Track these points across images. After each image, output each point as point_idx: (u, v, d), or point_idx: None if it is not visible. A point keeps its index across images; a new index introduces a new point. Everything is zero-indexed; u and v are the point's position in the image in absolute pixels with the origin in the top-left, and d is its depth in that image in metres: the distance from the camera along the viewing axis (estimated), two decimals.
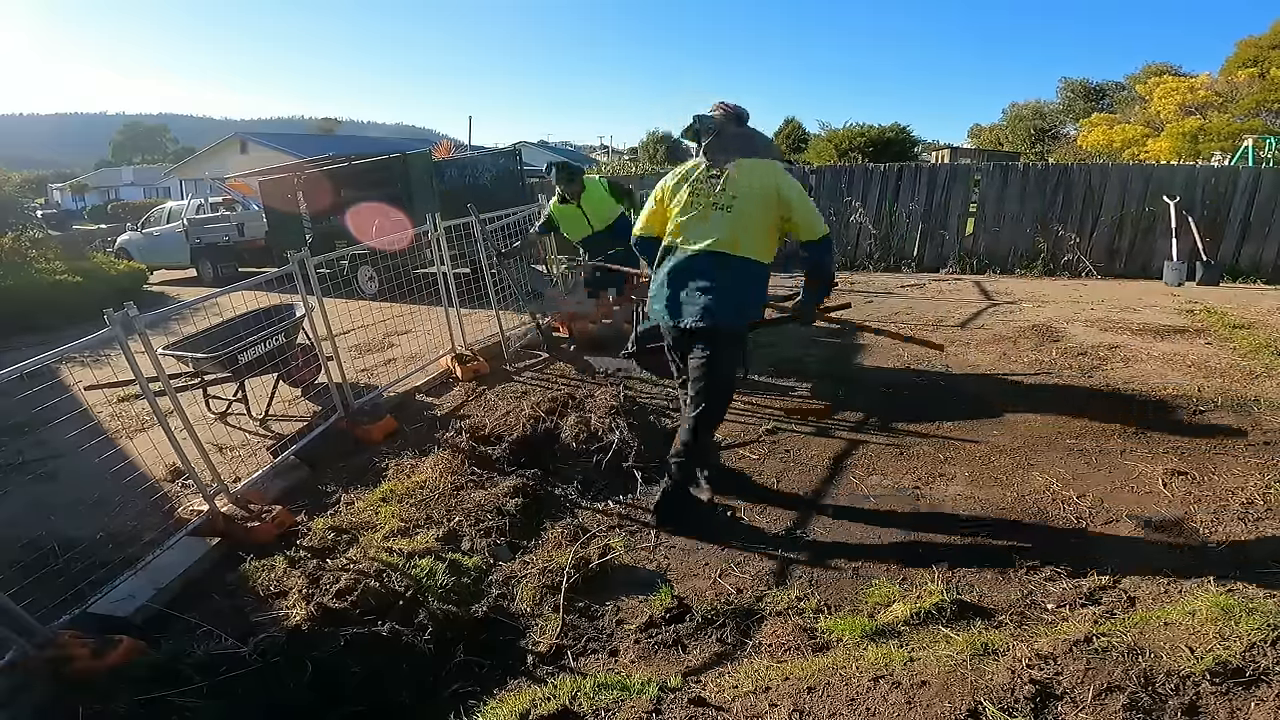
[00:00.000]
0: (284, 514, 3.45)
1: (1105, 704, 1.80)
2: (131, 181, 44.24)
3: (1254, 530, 2.96)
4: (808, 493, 3.61)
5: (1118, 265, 9.26)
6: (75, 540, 3.35)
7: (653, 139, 42.49)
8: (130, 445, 4.21)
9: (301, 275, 4.24)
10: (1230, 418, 4.16)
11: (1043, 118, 33.79)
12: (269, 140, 32.87)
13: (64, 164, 72.01)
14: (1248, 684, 1.81)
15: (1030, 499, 3.40)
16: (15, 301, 8.69)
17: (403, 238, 6.04)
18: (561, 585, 2.84)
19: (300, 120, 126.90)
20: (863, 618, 2.56)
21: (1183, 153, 18.83)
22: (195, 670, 2.36)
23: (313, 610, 2.59)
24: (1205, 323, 6.29)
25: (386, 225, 8.35)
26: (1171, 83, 22.26)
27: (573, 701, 2.14)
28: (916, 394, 4.85)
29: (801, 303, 3.33)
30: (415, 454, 4.05)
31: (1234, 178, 8.85)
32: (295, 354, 4.91)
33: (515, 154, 10.71)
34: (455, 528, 3.26)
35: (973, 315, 7.00)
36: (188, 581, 3.04)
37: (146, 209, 18.17)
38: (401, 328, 6.56)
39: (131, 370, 3.16)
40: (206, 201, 13.66)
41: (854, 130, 32.11)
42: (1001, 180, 9.70)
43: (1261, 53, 23.74)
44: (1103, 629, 2.15)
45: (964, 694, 1.89)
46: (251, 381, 4.72)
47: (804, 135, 38.10)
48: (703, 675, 2.34)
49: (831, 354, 5.86)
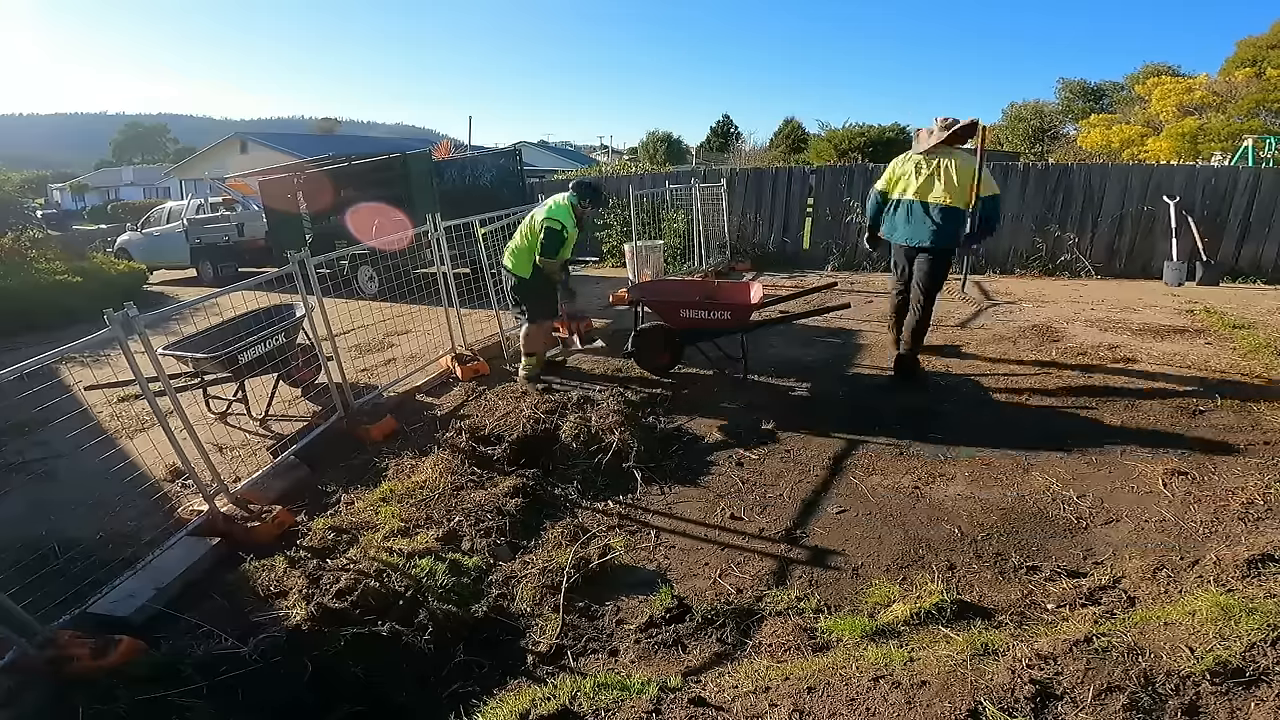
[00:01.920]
0: (284, 514, 3.46)
1: (1105, 704, 1.80)
2: (131, 181, 44.22)
3: (1254, 530, 2.96)
4: (808, 492, 3.61)
5: (1118, 265, 9.27)
6: (75, 540, 3.35)
7: (653, 139, 42.48)
8: (130, 445, 4.21)
9: (301, 275, 4.24)
10: (1230, 418, 4.16)
11: (1042, 118, 33.77)
12: (269, 140, 32.86)
13: (64, 164, 71.95)
14: (1248, 684, 1.81)
15: (1030, 499, 3.40)
16: (15, 301, 8.69)
17: (403, 238, 6.04)
18: (561, 585, 2.84)
19: (300, 120, 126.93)
20: (863, 618, 2.56)
21: (1182, 153, 18.82)
22: (195, 670, 2.36)
23: (313, 610, 2.59)
24: (1205, 323, 6.29)
25: (386, 225, 8.35)
26: (1170, 83, 22.24)
27: (573, 701, 2.14)
28: (917, 394, 4.85)
29: (968, 236, 4.83)
30: (415, 454, 4.05)
31: (1234, 178, 8.85)
32: (295, 354, 4.91)
33: (515, 154, 10.70)
34: (455, 528, 3.27)
35: (973, 315, 7.00)
36: (188, 581, 3.04)
37: (146, 209, 18.15)
38: (401, 328, 6.56)
39: (131, 370, 3.16)
40: (206, 201, 13.64)
41: (854, 130, 32.11)
42: (1001, 180, 9.69)
43: (1261, 53, 23.73)
44: (1103, 629, 2.15)
45: (964, 694, 1.89)
46: (251, 381, 4.72)
47: (804, 135, 38.09)
48: (703, 675, 2.34)
49: (831, 354, 5.86)
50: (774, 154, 34.86)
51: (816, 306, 5.81)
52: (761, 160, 31.56)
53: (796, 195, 10.95)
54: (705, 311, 4.98)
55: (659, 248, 9.02)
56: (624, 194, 9.33)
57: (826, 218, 10.66)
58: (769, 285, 7.69)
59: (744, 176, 11.41)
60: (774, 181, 11.10)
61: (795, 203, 10.97)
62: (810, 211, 11.07)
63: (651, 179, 12.56)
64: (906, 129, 33.09)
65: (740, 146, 38.66)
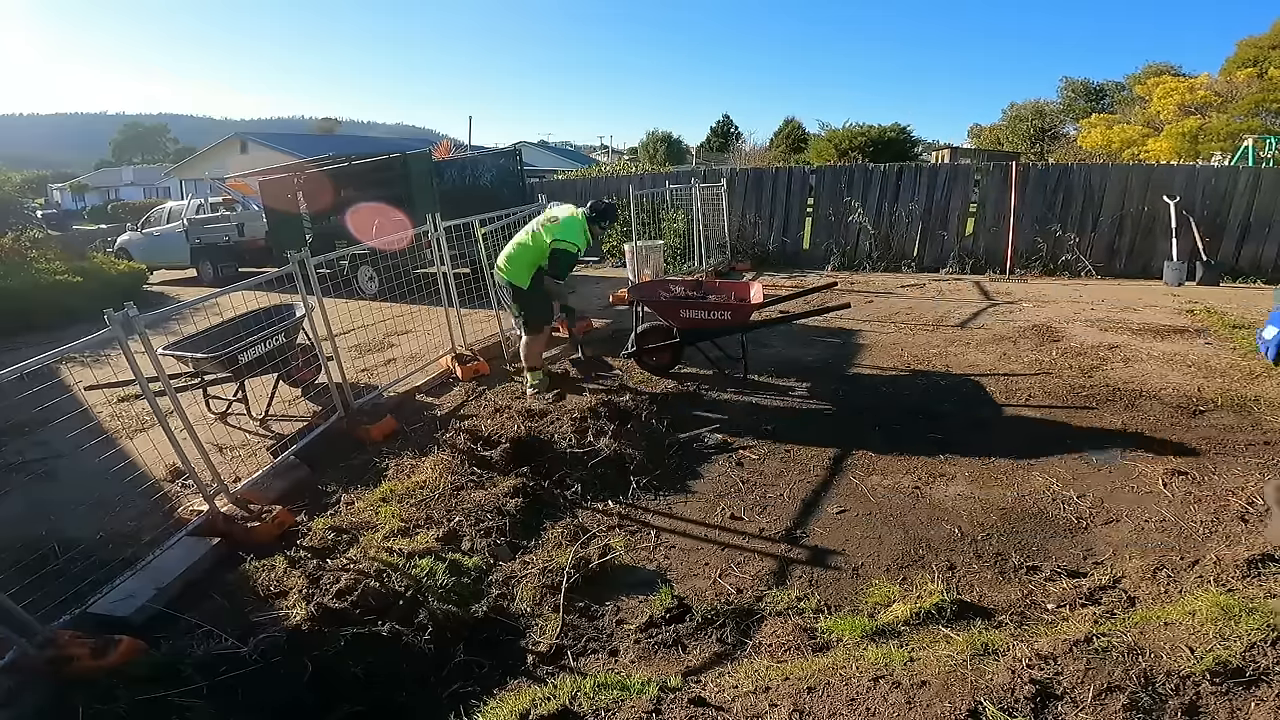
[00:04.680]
0: (284, 514, 3.45)
1: (1105, 704, 1.80)
2: (131, 181, 44.22)
3: (1254, 530, 2.95)
4: (808, 492, 3.61)
5: (1118, 265, 9.27)
6: (75, 540, 3.34)
7: (653, 139, 42.50)
8: (130, 445, 4.21)
9: (301, 275, 4.24)
10: (1230, 418, 4.16)
11: (1043, 117, 33.79)
12: (269, 140, 32.85)
13: (64, 164, 71.92)
14: (1248, 684, 1.81)
15: (1030, 499, 3.40)
16: (15, 301, 8.68)
17: (403, 238, 6.04)
18: (561, 585, 2.83)
19: (300, 120, 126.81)
20: (863, 618, 2.56)
21: (1182, 153, 18.82)
22: (195, 670, 2.36)
23: (313, 610, 2.59)
24: (1205, 323, 6.29)
25: (386, 225, 8.35)
26: (1171, 83, 22.25)
27: (573, 701, 2.14)
28: (917, 394, 4.86)
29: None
30: (415, 454, 4.05)
31: (1234, 178, 8.85)
32: (295, 354, 4.90)
33: (515, 154, 10.70)
34: (455, 528, 3.26)
35: (973, 315, 7.00)
36: (188, 581, 3.04)
37: (146, 209, 18.14)
38: (401, 328, 6.56)
39: (131, 370, 3.16)
40: (206, 201, 13.63)
41: (854, 130, 32.13)
42: (1001, 180, 9.70)
43: (1261, 53, 23.73)
44: (1103, 629, 2.15)
45: (964, 694, 1.89)
46: (251, 381, 4.71)
47: (804, 135, 38.11)
48: (703, 675, 2.34)
49: (831, 354, 5.86)
50: (774, 154, 34.88)
51: (816, 306, 5.81)
52: (761, 160, 31.57)
53: (796, 195, 10.95)
54: (705, 311, 4.98)
55: (659, 248, 9.02)
56: (624, 194, 9.33)
57: (827, 218, 10.67)
58: (769, 285, 7.69)
59: (744, 176, 11.42)
60: (774, 181, 11.11)
61: (795, 203, 10.97)
62: (810, 211, 11.08)
63: (651, 179, 12.57)
64: (907, 129, 33.11)
65: (740, 146, 38.68)
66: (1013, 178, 9.53)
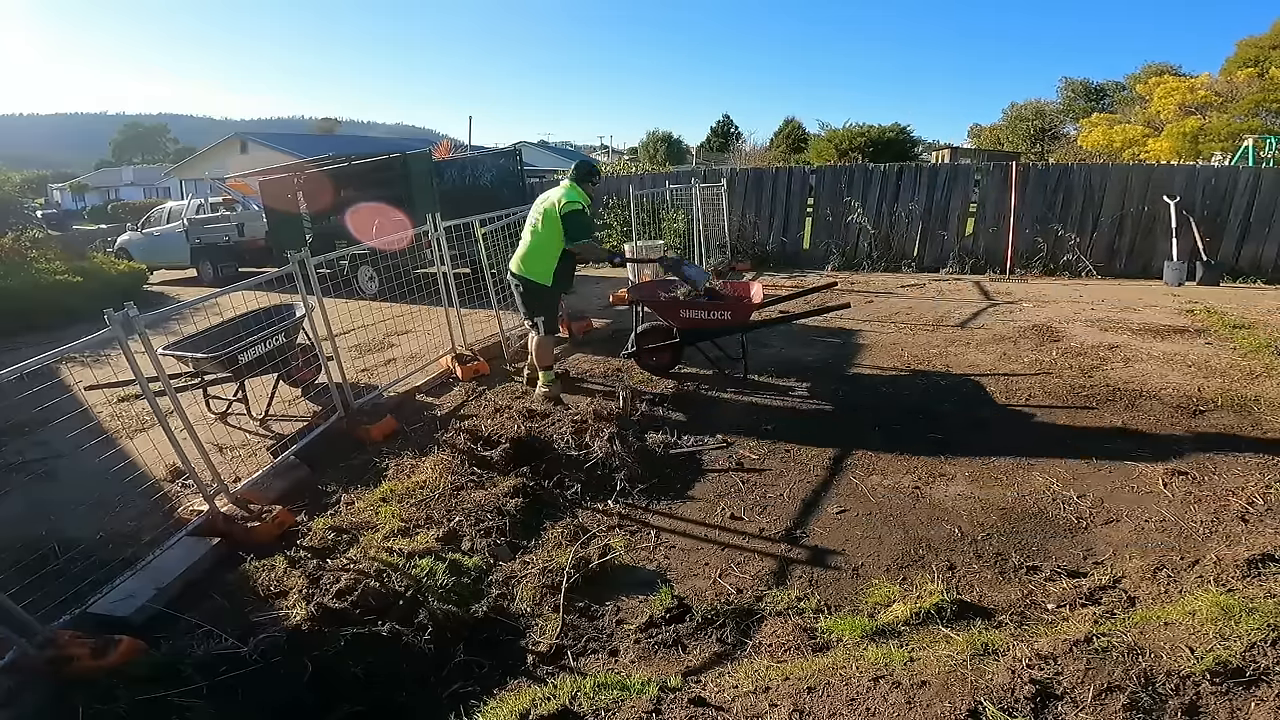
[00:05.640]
0: (284, 514, 3.45)
1: (1105, 704, 1.80)
2: (131, 181, 44.23)
3: (1254, 530, 2.95)
4: (808, 492, 3.61)
5: (1118, 265, 9.27)
6: (75, 540, 3.34)
7: (653, 139, 42.51)
8: (130, 445, 4.21)
9: (301, 275, 4.24)
10: (1230, 418, 4.16)
11: (1043, 117, 33.81)
12: (269, 140, 32.84)
13: (64, 164, 71.95)
14: (1248, 684, 1.81)
15: (1030, 499, 3.40)
16: (15, 301, 8.68)
17: (403, 238, 6.04)
18: (561, 585, 2.83)
19: (300, 120, 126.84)
20: (863, 618, 2.56)
21: (1183, 153, 18.83)
22: (195, 670, 2.36)
23: (313, 610, 2.59)
24: (1205, 323, 6.29)
25: (386, 225, 8.35)
26: (1171, 83, 22.26)
27: (573, 701, 2.14)
28: (917, 394, 4.86)
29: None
30: (415, 454, 4.05)
31: (1234, 178, 8.85)
32: (295, 354, 4.90)
33: (515, 154, 10.70)
34: (455, 528, 3.26)
35: (973, 315, 7.00)
36: (188, 581, 3.04)
37: (146, 209, 18.14)
38: (401, 328, 6.56)
39: (131, 370, 3.16)
40: (206, 201, 13.63)
41: (854, 130, 32.16)
42: (1001, 180, 9.70)
43: (1262, 53, 23.75)
44: (1103, 629, 2.15)
45: (964, 694, 1.89)
46: (251, 381, 4.71)
47: (804, 135, 38.13)
48: (703, 675, 2.34)
49: (831, 354, 5.86)
50: (774, 154, 34.90)
51: (816, 306, 5.81)
52: (761, 160, 31.59)
53: (796, 195, 10.95)
54: (705, 311, 4.98)
55: (659, 248, 9.02)
56: (624, 194, 9.32)
57: (826, 218, 10.67)
58: (769, 285, 7.69)
59: (744, 176, 11.42)
60: (774, 181, 11.10)
61: (795, 203, 10.97)
62: (810, 211, 11.08)
63: (651, 179, 12.56)
64: (907, 129, 33.13)
65: (740, 146, 38.72)
66: (1013, 178, 9.53)
